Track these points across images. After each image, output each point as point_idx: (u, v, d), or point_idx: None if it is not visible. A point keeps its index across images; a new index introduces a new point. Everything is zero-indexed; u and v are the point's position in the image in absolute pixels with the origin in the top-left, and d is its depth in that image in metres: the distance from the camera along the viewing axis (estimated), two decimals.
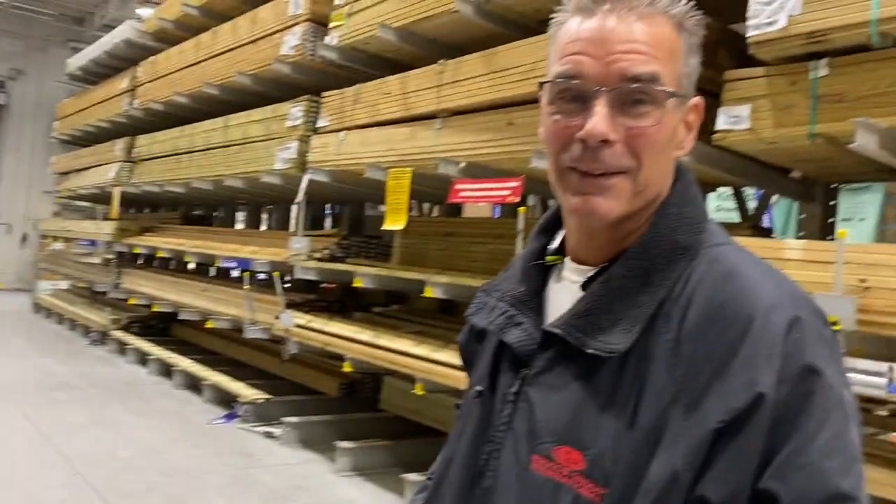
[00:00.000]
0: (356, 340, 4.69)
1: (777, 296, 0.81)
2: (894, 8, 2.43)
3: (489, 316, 0.97)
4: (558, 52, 0.89)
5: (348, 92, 5.19)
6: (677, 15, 0.87)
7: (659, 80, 0.84)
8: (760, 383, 0.75)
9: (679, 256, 0.86)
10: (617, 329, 0.83)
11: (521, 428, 0.88)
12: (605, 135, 0.83)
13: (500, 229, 5.04)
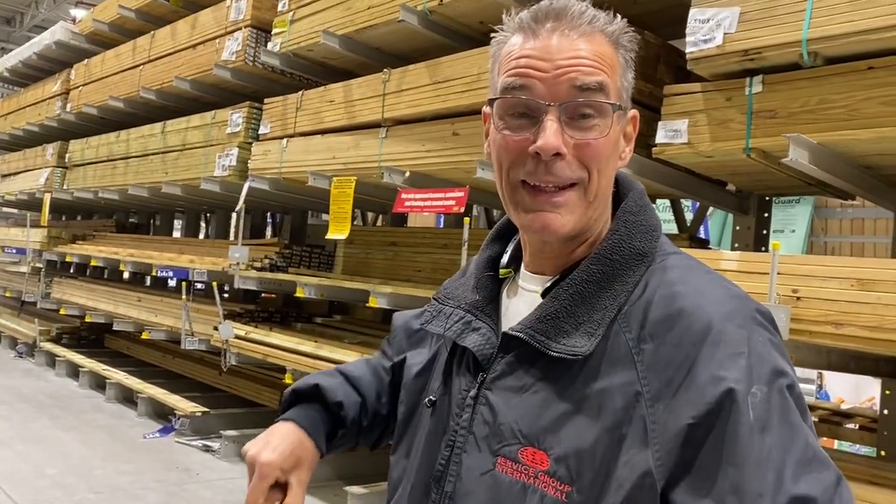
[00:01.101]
0: (297, 352, 4.61)
1: (731, 302, 0.84)
2: (823, 29, 2.53)
3: (446, 322, 0.98)
4: (503, 68, 0.90)
5: (291, 99, 5.14)
6: (614, 33, 0.89)
7: (606, 90, 0.86)
8: (729, 379, 0.77)
9: (637, 262, 0.89)
10: (580, 332, 0.85)
11: (482, 431, 0.88)
12: (557, 148, 0.85)
13: (445, 239, 5.05)
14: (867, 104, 2.49)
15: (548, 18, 0.87)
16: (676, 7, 3.52)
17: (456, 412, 0.92)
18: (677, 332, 0.82)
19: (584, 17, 0.87)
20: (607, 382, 0.83)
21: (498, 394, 0.89)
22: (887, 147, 2.57)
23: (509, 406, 0.87)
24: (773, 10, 2.66)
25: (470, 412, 0.90)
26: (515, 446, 0.85)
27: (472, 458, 0.88)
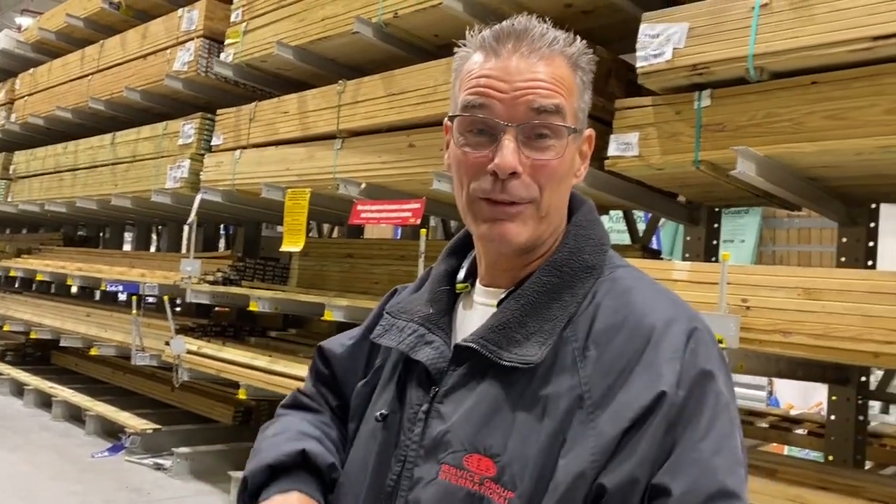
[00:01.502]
0: (251, 366, 4.54)
1: (673, 311, 0.88)
2: (768, 45, 2.60)
3: (398, 336, 0.98)
4: (464, 85, 0.93)
5: (244, 110, 5.08)
6: (573, 55, 0.92)
7: (563, 112, 0.88)
8: (662, 382, 0.81)
9: (586, 275, 0.92)
10: (531, 342, 0.87)
11: (431, 441, 0.89)
12: (514, 168, 0.88)
13: (402, 251, 5.04)
14: (811, 118, 2.56)
15: (509, 38, 0.90)
16: (626, 22, 3.58)
17: (408, 426, 0.92)
18: (621, 339, 0.85)
19: (544, 38, 0.90)
20: (552, 389, 0.85)
21: (449, 405, 0.90)
22: (831, 160, 2.65)
23: (459, 416, 0.88)
24: (720, 25, 2.72)
25: (422, 426, 0.91)
26: (460, 453, 0.86)
27: (422, 471, 0.89)
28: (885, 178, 2.91)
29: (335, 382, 1.12)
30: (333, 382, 1.13)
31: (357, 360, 1.10)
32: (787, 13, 2.56)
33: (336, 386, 1.12)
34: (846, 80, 2.49)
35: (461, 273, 1.03)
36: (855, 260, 3.36)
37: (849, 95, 2.48)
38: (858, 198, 3.32)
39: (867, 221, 3.39)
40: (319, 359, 1.15)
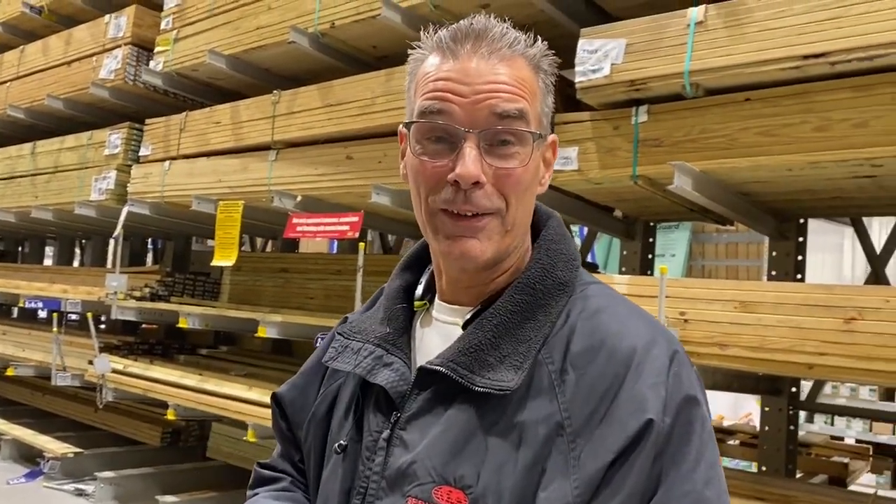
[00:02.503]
0: (181, 385, 4.37)
1: (651, 332, 0.84)
2: (703, 62, 2.64)
3: (354, 358, 0.91)
4: (420, 89, 0.87)
5: (174, 120, 4.92)
6: (535, 56, 0.88)
7: (526, 117, 0.84)
8: (649, 409, 0.77)
9: (559, 292, 0.87)
10: (505, 365, 0.82)
11: (394, 472, 0.83)
12: (477, 177, 0.82)
13: (338, 265, 4.95)
14: (745, 134, 2.60)
15: (467, 39, 0.85)
16: (563, 38, 3.60)
17: (366, 455, 0.86)
18: (600, 362, 0.81)
19: (504, 39, 0.85)
20: (528, 416, 0.80)
21: (413, 432, 0.83)
22: (763, 175, 2.70)
23: (426, 444, 0.82)
24: (657, 42, 2.75)
25: (383, 455, 0.84)
26: (429, 485, 0.80)
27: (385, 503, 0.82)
28: (813, 193, 3.00)
29: (292, 433, 1.05)
30: (291, 434, 1.05)
31: (308, 395, 1.02)
32: (721, 31, 2.61)
33: (292, 436, 1.04)
34: (778, 97, 2.55)
35: (419, 289, 0.97)
36: (785, 273, 3.45)
37: (780, 112, 2.54)
38: (787, 213, 3.41)
39: (796, 236, 3.49)
40: (276, 409, 1.07)
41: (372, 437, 0.86)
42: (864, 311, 2.20)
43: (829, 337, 2.23)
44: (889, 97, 2.35)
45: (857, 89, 2.40)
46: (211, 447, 5.29)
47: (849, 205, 3.24)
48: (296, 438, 1.03)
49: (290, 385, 1.07)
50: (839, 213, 3.74)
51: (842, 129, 2.42)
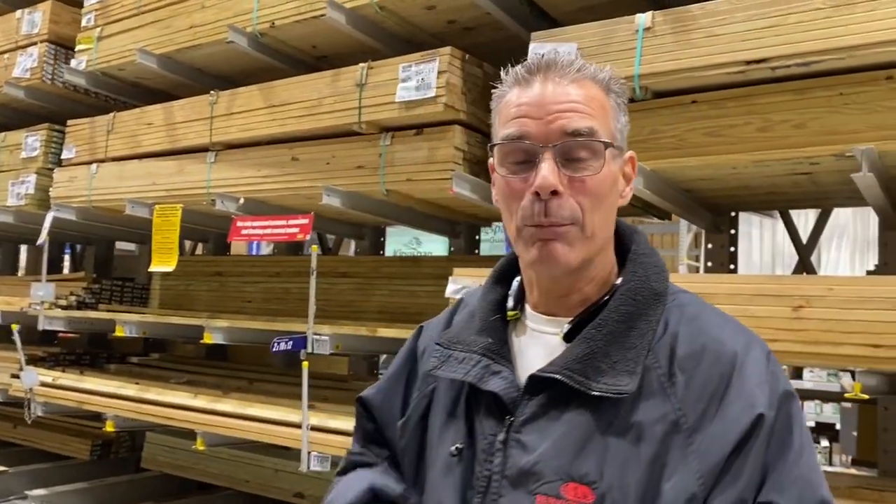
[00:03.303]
0: (119, 396, 4.22)
1: (746, 336, 0.93)
2: (652, 66, 2.76)
3: (461, 367, 0.96)
4: (503, 119, 0.96)
5: (101, 121, 4.73)
6: (604, 79, 0.95)
7: (596, 134, 0.89)
8: (758, 405, 0.86)
9: (656, 302, 0.95)
10: (617, 371, 0.89)
11: (515, 473, 0.88)
12: (554, 185, 0.90)
13: (277, 267, 4.89)
14: (692, 134, 2.75)
15: (539, 70, 0.94)
16: (509, 39, 3.69)
17: (483, 458, 0.91)
18: (705, 366, 0.89)
19: (573, 65, 0.95)
20: (643, 416, 0.87)
21: (531, 434, 0.89)
22: (709, 173, 2.86)
23: (548, 445, 0.88)
24: (607, 46, 2.86)
25: (501, 456, 0.90)
26: (557, 483, 0.86)
27: (508, 500, 0.88)
28: (750, 189, 3.19)
29: (380, 434, 1.10)
30: (378, 435, 1.11)
31: (393, 398, 1.08)
32: (669, 37, 2.74)
33: (382, 437, 1.10)
34: (723, 99, 2.71)
35: (510, 301, 1.02)
36: (720, 264, 3.65)
37: (725, 114, 2.69)
38: (723, 207, 3.61)
39: (729, 228, 3.70)
40: (363, 412, 1.13)
41: (487, 441, 0.92)
42: (810, 299, 2.37)
43: (779, 324, 2.39)
44: (824, 100, 2.53)
45: (796, 93, 2.58)
46: (146, 457, 5.13)
47: (781, 199, 3.46)
48: (384, 438, 1.09)
49: (376, 389, 1.12)
50: (770, 207, 3.99)
51: (782, 129, 2.59)
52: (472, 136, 3.34)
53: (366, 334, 3.47)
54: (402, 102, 3.31)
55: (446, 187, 3.20)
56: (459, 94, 3.25)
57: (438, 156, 3.28)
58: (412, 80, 3.31)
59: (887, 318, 2.28)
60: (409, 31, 3.80)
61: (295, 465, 4.42)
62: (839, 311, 2.34)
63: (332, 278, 4.40)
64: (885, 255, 3.32)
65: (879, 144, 2.42)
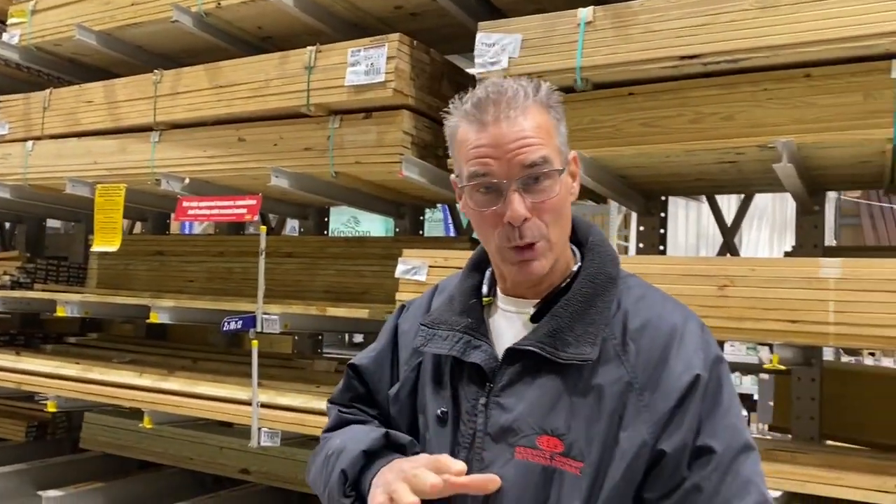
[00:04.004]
0: (61, 376, 4.19)
1: (683, 312, 1.11)
2: (592, 59, 2.92)
3: (445, 343, 1.11)
4: (464, 157, 1.08)
5: (36, 97, 4.63)
6: (544, 99, 1.08)
7: (549, 161, 1.03)
8: (695, 367, 1.04)
9: (610, 284, 1.11)
10: (581, 342, 1.04)
11: (496, 429, 1.04)
12: (524, 215, 1.05)
13: (220, 247, 4.89)
14: (629, 124, 2.92)
15: (488, 106, 1.05)
16: (453, 25, 3.80)
17: (468, 418, 1.06)
18: (651, 336, 1.06)
19: (517, 97, 1.06)
20: (603, 379, 1.04)
21: (509, 398, 1.05)
22: (643, 161, 3.05)
23: (524, 406, 1.03)
24: (550, 39, 3.00)
25: (483, 416, 1.05)
26: (532, 436, 1.02)
27: (491, 453, 1.04)
28: (680, 175, 3.40)
29: (369, 395, 1.24)
30: (368, 396, 1.24)
31: (383, 367, 1.22)
32: (609, 31, 2.89)
33: (370, 398, 1.24)
34: (658, 92, 2.89)
35: (485, 288, 1.18)
36: (651, 245, 3.87)
37: (660, 106, 2.88)
38: (654, 192, 3.82)
39: (659, 212, 3.92)
40: (354, 376, 1.26)
41: (470, 404, 1.07)
42: (734, 278, 2.59)
43: (706, 302, 2.60)
44: (750, 94, 2.74)
45: (725, 87, 2.77)
46: (85, 438, 5.09)
47: (708, 185, 3.69)
48: (374, 401, 1.23)
49: (366, 357, 1.26)
50: (698, 192, 4.23)
51: (712, 121, 2.79)
52: (419, 120, 3.44)
53: (316, 313, 3.55)
54: (352, 87, 3.38)
55: (395, 170, 3.30)
56: (408, 79, 3.35)
57: (387, 139, 3.37)
58: (361, 64, 3.38)
59: (803, 296, 2.51)
60: (356, 15, 3.86)
61: (239, 442, 4.50)
62: (760, 290, 2.57)
63: (278, 258, 4.44)
64: (802, 237, 3.59)
65: (798, 137, 2.65)
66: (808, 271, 2.51)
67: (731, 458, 1.02)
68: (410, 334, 1.20)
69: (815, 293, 2.48)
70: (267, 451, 4.24)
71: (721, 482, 1.00)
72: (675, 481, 1.01)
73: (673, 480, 1.01)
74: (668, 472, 1.01)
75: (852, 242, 9.03)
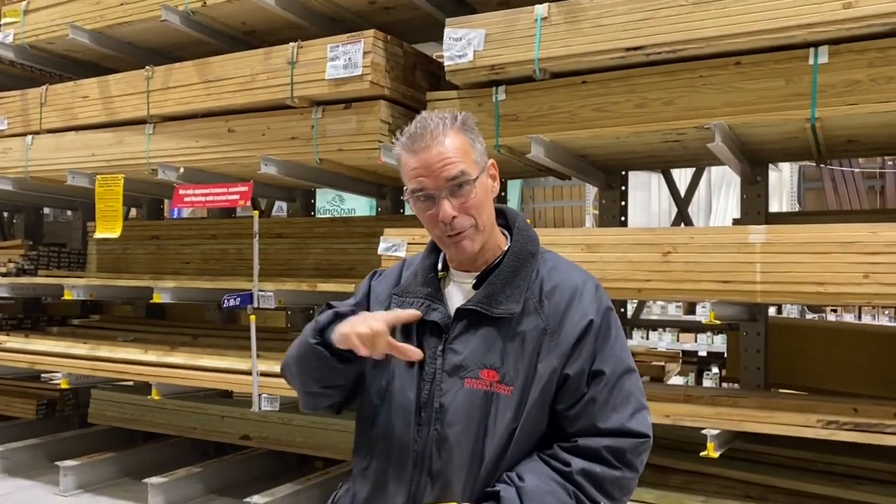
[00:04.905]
0: (72, 355, 4.51)
1: (583, 275, 1.46)
2: (549, 51, 3.23)
3: (412, 308, 1.45)
4: (407, 175, 1.42)
5: (33, 93, 4.88)
6: (459, 126, 1.43)
7: (466, 173, 1.39)
8: (590, 314, 1.39)
9: (531, 258, 1.46)
10: (509, 301, 1.40)
11: (450, 367, 1.40)
12: (452, 214, 1.40)
13: (214, 230, 5.19)
14: (583, 110, 3.25)
15: (417, 138, 1.40)
16: (423, 17, 4.09)
17: (430, 360, 1.41)
18: (558, 295, 1.41)
19: (438, 128, 1.40)
20: (525, 327, 1.39)
21: (459, 345, 1.40)
22: (597, 142, 3.38)
23: (469, 350, 1.39)
24: (511, 33, 3.31)
25: (441, 358, 1.40)
26: (476, 370, 1.38)
27: (447, 384, 1.39)
28: (633, 153, 3.74)
29: None
30: None
31: None
32: (563, 26, 3.21)
33: None
34: (607, 80, 3.21)
35: (440, 265, 1.52)
36: (613, 217, 4.21)
37: (610, 93, 3.20)
38: (613, 168, 4.16)
39: (619, 186, 4.26)
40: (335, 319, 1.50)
41: (431, 350, 1.42)
42: (676, 246, 2.94)
43: (652, 267, 2.96)
44: (688, 81, 3.07)
45: (666, 75, 3.10)
46: (92, 413, 5.40)
47: (660, 160, 4.03)
48: None
49: (345, 306, 1.55)
50: (652, 167, 4.57)
51: (656, 106, 3.12)
52: (395, 109, 3.75)
53: (307, 289, 3.88)
54: (332, 80, 3.67)
55: (375, 157, 3.62)
56: (383, 72, 3.64)
57: (366, 128, 3.68)
58: (340, 59, 3.67)
59: (734, 260, 2.86)
60: (333, 9, 4.14)
61: (240, 411, 4.85)
62: (698, 256, 2.92)
63: (269, 239, 4.75)
64: (746, 205, 3.95)
65: (729, 119, 2.99)
66: (739, 238, 2.86)
67: (617, 378, 1.39)
68: (382, 296, 1.55)
69: (745, 256, 2.83)
70: (266, 418, 4.58)
71: (609, 395, 1.37)
72: (577, 395, 1.37)
73: (576, 395, 1.37)
74: (572, 389, 1.37)
75: (815, 206, 9.43)
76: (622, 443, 1.36)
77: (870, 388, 3.91)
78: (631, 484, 1.39)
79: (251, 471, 4.82)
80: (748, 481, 3.34)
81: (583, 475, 1.34)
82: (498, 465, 1.37)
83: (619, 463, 1.36)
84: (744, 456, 3.48)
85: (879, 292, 2.62)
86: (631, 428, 1.37)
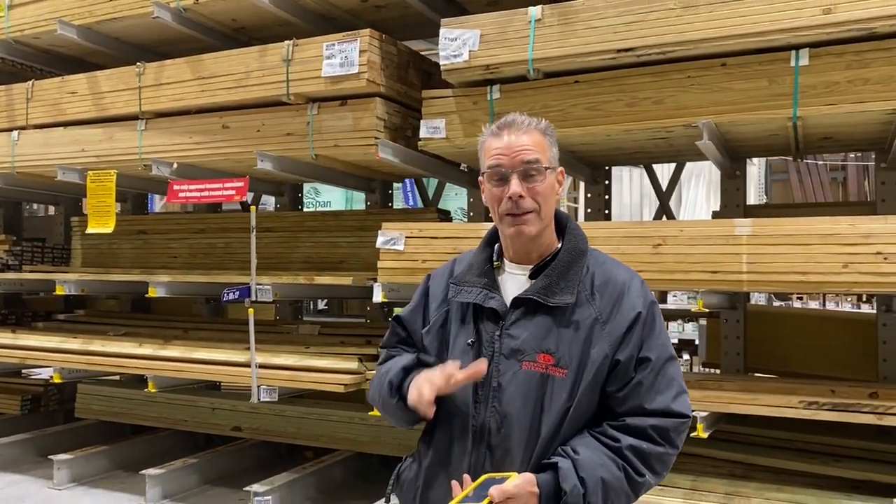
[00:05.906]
0: (64, 350, 4.53)
1: (629, 272, 1.61)
2: (543, 52, 3.35)
3: (470, 295, 1.60)
4: (487, 156, 1.58)
5: (18, 88, 4.86)
6: (542, 129, 1.58)
7: (540, 161, 1.50)
8: (637, 307, 1.54)
9: (582, 255, 1.60)
10: (564, 292, 1.54)
11: (508, 351, 1.53)
12: (519, 192, 1.53)
13: (201, 224, 5.23)
14: (575, 109, 3.39)
15: (504, 127, 1.56)
16: (414, 15, 4.19)
17: (487, 344, 1.55)
18: (609, 289, 1.56)
19: (524, 123, 1.57)
20: (579, 316, 1.54)
21: (516, 330, 1.54)
22: (588, 140, 3.52)
23: (527, 335, 1.53)
24: (505, 34, 3.42)
25: (499, 343, 1.54)
26: (534, 354, 1.52)
27: (505, 366, 1.53)
28: (620, 149, 3.89)
29: (409, 336, 1.73)
30: (408, 337, 1.73)
31: (417, 316, 1.72)
32: (556, 27, 3.33)
33: (409, 339, 1.73)
34: (599, 80, 3.35)
35: (495, 257, 1.66)
36: (598, 210, 4.37)
37: (601, 92, 3.34)
38: (598, 163, 4.31)
39: (604, 180, 4.41)
40: (398, 325, 1.75)
41: (489, 335, 1.56)
42: (666, 238, 3.10)
43: (643, 259, 3.11)
44: (677, 82, 3.22)
45: (656, 75, 3.25)
46: (79, 408, 5.41)
47: (645, 156, 4.19)
48: (412, 340, 1.72)
49: (406, 311, 1.75)
50: (637, 162, 4.73)
51: (645, 105, 3.27)
52: (390, 106, 3.85)
53: (303, 282, 3.96)
54: (328, 77, 3.75)
55: (372, 153, 3.71)
56: (379, 69, 3.74)
57: (362, 124, 3.77)
58: (336, 57, 3.75)
59: (722, 251, 3.02)
60: (325, 7, 4.21)
61: (231, 403, 4.92)
62: (688, 247, 3.08)
63: (259, 233, 4.73)
64: (726, 198, 4.13)
65: (716, 117, 3.14)
66: (726, 230, 3.02)
67: (662, 364, 1.54)
68: (438, 291, 1.69)
69: (731, 248, 3.00)
70: (257, 409, 4.66)
71: (655, 379, 1.53)
72: (626, 379, 1.52)
73: (624, 379, 1.52)
74: (621, 374, 1.52)
75: (782, 198, 9.75)
76: (666, 422, 1.52)
77: (841, 371, 4.14)
78: (672, 459, 1.54)
79: (245, 461, 4.89)
80: (733, 461, 3.53)
81: (631, 450, 1.48)
82: (553, 440, 1.51)
83: (663, 440, 1.51)
84: (727, 437, 3.67)
85: (858, 280, 2.81)
86: (674, 409, 1.53)
